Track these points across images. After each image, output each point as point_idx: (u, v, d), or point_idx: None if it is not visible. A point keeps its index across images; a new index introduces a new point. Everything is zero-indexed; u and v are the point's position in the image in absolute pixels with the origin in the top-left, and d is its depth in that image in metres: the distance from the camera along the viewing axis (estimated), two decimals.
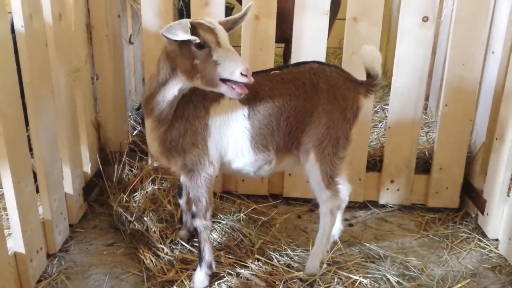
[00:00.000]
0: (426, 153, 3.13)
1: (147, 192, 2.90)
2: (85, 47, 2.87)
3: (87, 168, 3.00)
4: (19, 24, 2.07)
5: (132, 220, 2.69)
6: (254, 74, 2.17)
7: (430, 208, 3.10)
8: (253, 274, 2.30)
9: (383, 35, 5.19)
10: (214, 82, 1.87)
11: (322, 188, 2.22)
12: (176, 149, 2.10)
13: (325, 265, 2.37)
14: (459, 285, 2.35)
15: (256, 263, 2.38)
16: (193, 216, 2.23)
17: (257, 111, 2.09)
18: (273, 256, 2.47)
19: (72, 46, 2.64)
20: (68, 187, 2.69)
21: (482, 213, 2.82)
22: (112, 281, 2.33)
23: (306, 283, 2.27)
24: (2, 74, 1.90)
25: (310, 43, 2.80)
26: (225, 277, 2.30)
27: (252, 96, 2.09)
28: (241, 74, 1.81)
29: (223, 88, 1.87)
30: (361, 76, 2.49)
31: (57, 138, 2.48)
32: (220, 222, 2.72)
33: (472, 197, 2.97)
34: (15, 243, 2.12)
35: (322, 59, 2.82)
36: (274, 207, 3.08)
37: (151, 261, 2.41)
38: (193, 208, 2.23)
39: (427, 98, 4.19)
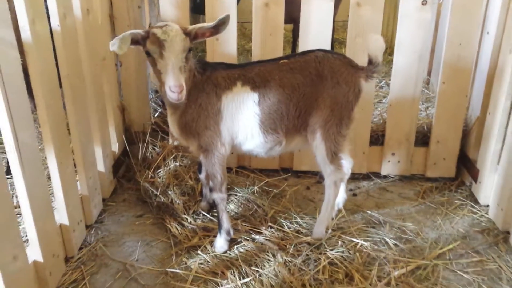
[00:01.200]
0: (425, 127, 3.37)
1: (169, 168, 3.21)
2: (109, 37, 3.12)
3: (115, 147, 3.32)
4: (55, 23, 2.33)
5: (158, 194, 3.01)
6: (266, 62, 2.45)
7: (428, 178, 3.37)
8: (266, 239, 2.61)
9: (389, 17, 5.38)
10: (164, 87, 2.10)
11: (326, 163, 2.49)
12: (191, 131, 2.39)
13: (330, 231, 2.68)
14: (450, 246, 2.63)
15: (269, 230, 2.69)
16: (211, 190, 2.54)
17: (267, 98, 2.34)
18: (284, 224, 2.78)
19: (99, 37, 2.90)
20: (100, 165, 3.01)
21: (475, 181, 3.08)
22: (144, 247, 2.67)
23: (314, 246, 2.58)
24: (45, 70, 2.18)
25: (316, 27, 3.02)
26: (242, 242, 2.62)
27: (263, 83, 2.35)
28: (170, 89, 2.03)
29: (167, 91, 2.08)
30: (365, 57, 2.73)
31: (89, 122, 2.78)
32: (236, 195, 3.03)
33: (467, 167, 3.23)
34: (60, 216, 2.45)
35: (328, 41, 3.05)
36: (285, 180, 3.38)
37: (177, 229, 2.74)
38: (210, 183, 2.53)
39: (429, 74, 4.40)
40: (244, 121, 2.38)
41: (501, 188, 2.75)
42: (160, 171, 3.22)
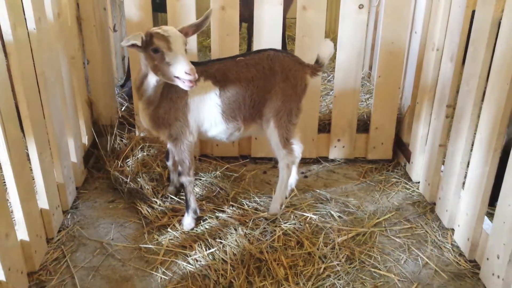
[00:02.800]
0: (365, 115, 3.82)
1: (137, 158, 3.49)
2: (77, 37, 3.36)
3: (85, 140, 3.56)
4: (31, 27, 2.57)
5: (128, 181, 3.29)
6: (224, 60, 2.79)
7: (369, 160, 3.83)
8: (229, 216, 2.97)
9: (332, 19, 5.88)
10: (171, 78, 2.41)
11: (279, 148, 2.87)
12: (163, 123, 2.70)
13: (284, 207, 3.06)
14: (386, 216, 3.09)
15: (231, 208, 3.05)
16: (179, 174, 2.86)
17: (227, 90, 2.69)
18: (244, 203, 3.14)
19: (68, 37, 3.13)
20: (73, 156, 3.26)
21: (409, 162, 3.56)
22: (118, 228, 2.96)
23: (270, 220, 2.96)
24: (25, 70, 2.42)
25: (268, 27, 3.38)
26: (207, 219, 2.97)
27: (223, 78, 2.69)
28: (186, 73, 2.34)
29: (177, 82, 2.40)
30: (312, 54, 3.11)
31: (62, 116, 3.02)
32: (200, 179, 3.37)
33: (401, 149, 3.71)
34: (41, 201, 2.69)
35: (279, 38, 3.42)
36: (244, 166, 3.74)
37: (147, 211, 3.04)
38: (179, 168, 2.85)
39: (370, 68, 4.88)
40: (208, 111, 2.71)
41: (427, 166, 3.23)
42: (128, 161, 3.50)
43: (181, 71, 2.34)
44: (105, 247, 2.77)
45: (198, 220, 2.95)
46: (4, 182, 2.32)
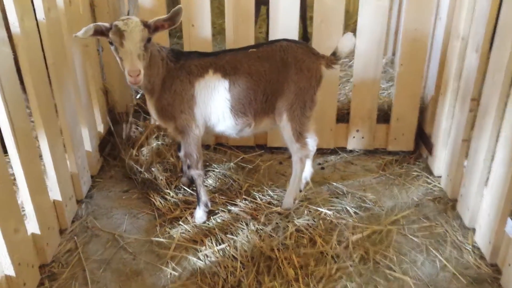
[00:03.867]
0: (386, 105, 3.68)
1: (152, 147, 3.47)
2: (91, 22, 3.30)
3: (100, 128, 3.55)
4: (41, 17, 2.53)
5: (142, 170, 3.28)
6: (236, 51, 2.70)
7: (389, 152, 3.70)
8: (241, 210, 2.92)
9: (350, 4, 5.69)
10: (124, 74, 2.34)
11: (293, 141, 2.78)
12: (167, 115, 2.65)
13: (298, 201, 2.99)
14: (404, 213, 2.98)
15: (243, 202, 3.00)
16: (189, 167, 2.82)
17: (236, 84, 2.60)
18: (257, 196, 3.08)
19: (81, 25, 3.08)
20: (87, 145, 3.26)
21: (431, 154, 3.42)
22: (131, 219, 2.95)
23: (283, 215, 2.90)
24: (33, 61, 2.39)
25: (284, 12, 3.25)
26: (219, 213, 2.93)
27: (233, 71, 2.61)
28: (127, 73, 2.28)
29: (126, 76, 2.32)
30: (330, 42, 2.98)
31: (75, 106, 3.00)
32: (214, 170, 3.32)
33: (423, 141, 3.57)
34: (54, 193, 2.70)
35: (295, 24, 3.29)
36: (260, 156, 3.67)
37: (160, 203, 3.02)
38: (187, 161, 2.81)
39: (394, 54, 4.69)
40: (216, 106, 2.64)
41: (450, 161, 3.09)
42: (143, 149, 3.48)
43: (125, 70, 2.30)
44: (117, 239, 2.77)
45: (210, 213, 2.91)
46: (13, 176, 2.32)
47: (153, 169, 3.28)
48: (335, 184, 3.30)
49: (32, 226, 2.42)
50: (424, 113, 3.57)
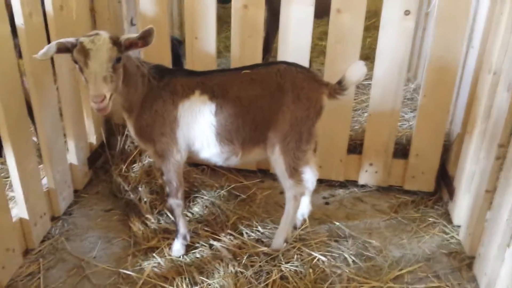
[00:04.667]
0: (404, 139, 3.28)
1: (143, 164, 3.22)
2: (89, 30, 3.11)
3: (93, 139, 3.35)
4: (19, 22, 2.33)
5: (128, 189, 3.03)
6: (228, 72, 2.40)
7: (406, 190, 3.28)
8: (223, 247, 2.61)
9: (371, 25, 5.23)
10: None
11: (285, 177, 2.45)
12: (145, 137, 2.38)
13: (285, 245, 2.62)
14: (411, 268, 2.58)
15: (228, 237, 2.69)
16: (167, 195, 2.54)
17: (224, 109, 2.30)
18: (244, 232, 2.76)
19: (75, 32, 2.89)
20: (73, 158, 3.05)
21: (451, 198, 2.99)
22: (104, 244, 2.71)
23: (270, 257, 2.56)
24: (2, 69, 2.19)
25: (295, 33, 2.93)
26: (199, 247, 2.63)
27: (221, 94, 2.31)
28: (91, 99, 1.99)
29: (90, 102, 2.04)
30: (344, 64, 2.66)
31: (60, 116, 2.80)
32: (202, 197, 3.03)
33: (445, 183, 3.14)
34: (20, 211, 2.50)
35: (307, 46, 2.96)
36: (261, 182, 3.35)
37: (139, 229, 2.76)
38: (166, 188, 2.53)
39: None
40: (200, 130, 2.36)
41: (470, 210, 2.67)
42: (134, 166, 3.24)
43: (90, 93, 2.00)
44: (84, 266, 2.53)
45: (189, 246, 2.62)
46: None
47: (140, 188, 3.03)
48: (337, 224, 2.93)
49: None
50: (449, 152, 3.14)
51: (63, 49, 2.01)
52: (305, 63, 2.94)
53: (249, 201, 3.09)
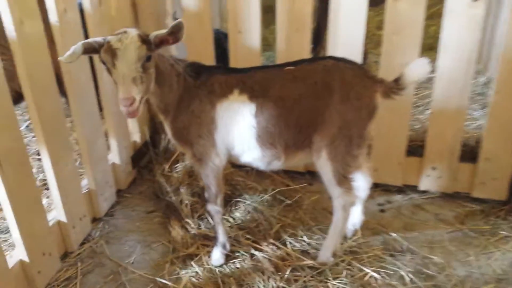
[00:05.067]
0: (473, 141, 2.90)
1: (186, 164, 3.09)
2: (131, 25, 3.01)
3: (137, 137, 3.27)
4: (53, 19, 2.25)
5: (169, 191, 2.92)
6: (270, 68, 2.19)
7: (474, 198, 2.91)
8: (265, 257, 2.42)
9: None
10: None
11: (333, 184, 2.21)
12: (182, 139, 2.22)
13: (333, 258, 2.38)
14: None
15: (270, 247, 2.49)
16: (206, 201, 2.38)
17: (265, 109, 2.09)
18: (289, 241, 2.54)
19: (114, 27, 2.79)
20: (116, 157, 2.98)
21: None
22: (143, 249, 2.61)
23: (316, 271, 2.34)
24: (34, 68, 2.12)
25: (347, 24, 2.66)
26: (240, 256, 2.46)
27: (262, 93, 2.10)
28: (120, 103, 1.81)
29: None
30: (402, 57, 2.36)
31: (99, 116, 2.72)
32: (245, 202, 2.84)
33: None
34: (58, 213, 2.44)
35: (360, 39, 2.68)
36: (310, 185, 3.11)
37: (179, 234, 2.63)
38: (205, 194, 2.36)
39: None
40: (240, 133, 2.16)
41: None
42: (177, 166, 3.12)
43: (118, 97, 1.83)
44: (121, 273, 2.44)
45: (230, 254, 2.46)
46: None
47: (181, 190, 2.90)
48: (394, 235, 2.63)
49: (20, 252, 2.17)
50: None
51: (90, 49, 1.86)
52: (357, 57, 2.66)
53: (295, 207, 2.87)
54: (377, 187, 3.05)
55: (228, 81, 2.15)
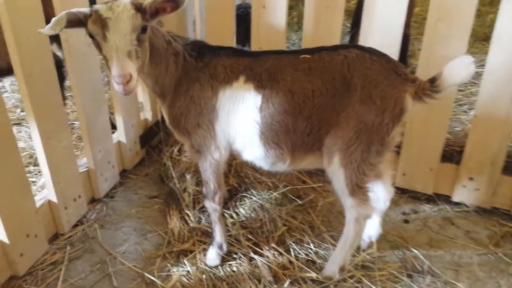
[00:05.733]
0: None
1: None
2: None
3: (149, 115, 3.06)
4: None
5: (174, 176, 2.71)
6: (283, 55, 1.89)
7: None
8: (265, 263, 2.18)
9: None
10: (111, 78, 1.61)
11: (345, 194, 1.91)
12: (180, 127, 1.97)
13: (341, 273, 2.11)
14: None
15: (272, 251, 2.24)
16: (204, 196, 2.14)
17: (271, 103, 1.80)
18: (292, 248, 2.28)
19: None
20: (122, 135, 2.80)
21: None
22: (138, 238, 2.43)
23: (319, 286, 2.08)
24: (21, 34, 1.93)
25: (385, 4, 2.30)
26: (238, 259, 2.23)
27: (270, 83, 1.81)
28: (113, 80, 1.54)
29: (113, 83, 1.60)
30: (449, 49, 2.07)
31: (103, 90, 2.52)
32: (251, 198, 2.58)
33: None
34: (49, 193, 2.29)
35: (399, 24, 2.31)
36: (329, 184, 2.80)
37: (176, 225, 2.43)
38: (203, 188, 2.13)
39: None
40: (241, 127, 1.89)
41: None
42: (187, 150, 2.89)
43: (112, 74, 1.56)
44: (109, 263, 2.26)
45: (227, 255, 2.24)
46: None
47: (187, 176, 2.69)
48: (415, 251, 2.33)
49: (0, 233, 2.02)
50: None
51: (75, 21, 1.60)
52: (395, 44, 2.31)
53: (307, 208, 2.59)
54: (404, 193, 2.74)
55: (234, 65, 1.87)
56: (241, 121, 1.87)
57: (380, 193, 2.10)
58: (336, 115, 1.77)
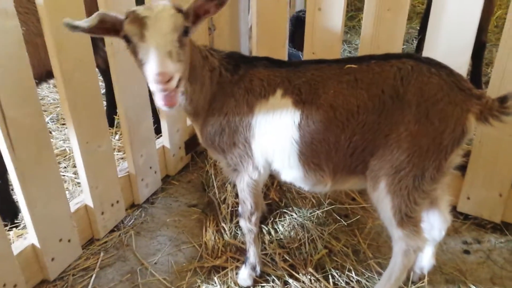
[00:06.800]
0: None
1: None
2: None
3: None
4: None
5: (215, 185, 2.60)
6: (324, 63, 1.70)
7: None
8: None
9: None
10: (150, 86, 1.42)
11: (392, 225, 1.68)
12: (214, 146, 1.82)
13: None
14: None
15: (308, 276, 2.05)
16: (239, 215, 1.99)
17: (311, 121, 1.61)
18: (331, 274, 2.07)
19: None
20: (166, 140, 2.74)
21: None
22: (171, 249, 2.34)
23: None
24: (62, 40, 1.89)
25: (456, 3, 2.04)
26: (271, 282, 2.07)
27: (310, 98, 1.62)
28: (152, 78, 1.35)
29: (154, 96, 1.43)
30: None
31: (147, 95, 2.46)
32: (292, 215, 2.40)
33: None
34: (85, 197, 2.26)
35: (473, 26, 2.03)
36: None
37: (211, 239, 2.31)
38: (239, 208, 1.98)
39: None
40: (279, 145, 1.71)
41: None
42: None
43: (149, 77, 1.39)
44: (139, 273, 2.19)
45: (260, 277, 2.08)
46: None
47: (227, 187, 2.57)
48: None
49: (31, 237, 2.01)
50: None
51: (107, 24, 1.49)
52: (465, 52, 2.05)
53: (353, 229, 2.37)
54: (466, 220, 2.44)
55: (271, 77, 1.70)
56: (279, 139, 1.70)
57: (435, 221, 1.84)
58: (385, 136, 1.55)
